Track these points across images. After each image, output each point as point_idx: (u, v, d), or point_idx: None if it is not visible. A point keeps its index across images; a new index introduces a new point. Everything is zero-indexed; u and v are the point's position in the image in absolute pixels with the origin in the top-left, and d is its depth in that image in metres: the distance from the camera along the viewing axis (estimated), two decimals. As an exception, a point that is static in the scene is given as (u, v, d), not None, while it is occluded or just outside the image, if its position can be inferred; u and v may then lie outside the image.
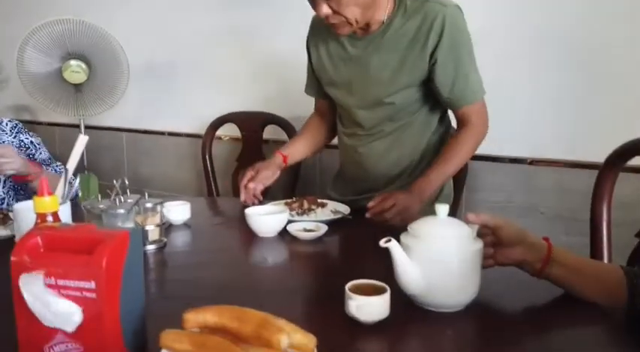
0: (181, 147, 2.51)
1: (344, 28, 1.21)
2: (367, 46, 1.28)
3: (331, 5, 1.15)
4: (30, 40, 2.10)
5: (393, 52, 1.25)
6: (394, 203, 1.16)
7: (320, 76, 1.42)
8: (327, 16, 1.17)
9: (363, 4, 1.17)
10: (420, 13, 1.21)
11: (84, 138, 1.03)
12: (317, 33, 1.39)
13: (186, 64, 2.40)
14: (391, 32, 1.24)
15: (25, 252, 0.63)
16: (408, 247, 0.77)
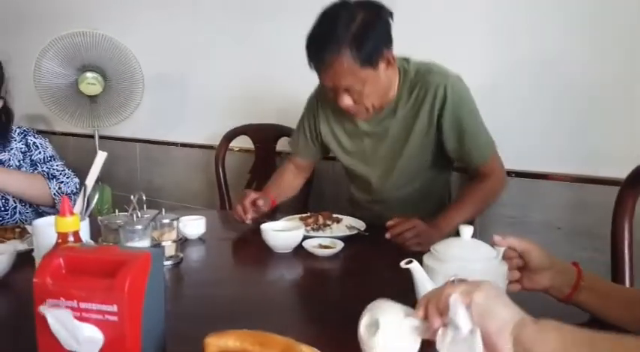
0: (193, 158, 2.52)
1: (362, 114, 1.30)
2: (381, 121, 1.35)
3: (353, 97, 1.23)
4: (47, 52, 2.13)
5: (403, 124, 1.32)
6: (414, 226, 1.15)
7: (328, 143, 1.48)
8: (347, 107, 1.25)
9: (380, 92, 1.26)
10: (424, 84, 1.28)
11: (102, 154, 1.03)
12: (325, 106, 1.45)
13: (200, 75, 2.41)
14: (400, 106, 1.32)
15: (48, 274, 0.63)
16: (431, 269, 0.75)
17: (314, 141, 1.52)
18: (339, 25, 1.15)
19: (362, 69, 1.17)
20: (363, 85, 1.20)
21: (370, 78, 1.20)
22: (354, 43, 1.14)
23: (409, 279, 0.76)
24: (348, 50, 1.14)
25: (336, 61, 1.16)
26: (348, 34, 1.14)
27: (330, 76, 1.20)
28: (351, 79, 1.18)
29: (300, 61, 2.08)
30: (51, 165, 1.52)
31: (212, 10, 2.30)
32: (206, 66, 2.38)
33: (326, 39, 1.16)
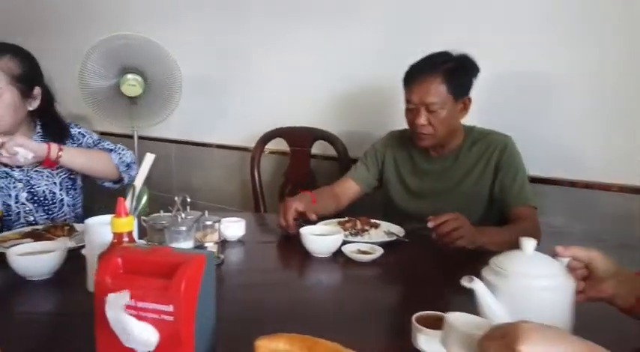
0: (228, 159, 2.55)
1: (427, 141, 1.47)
2: (443, 163, 1.54)
3: (430, 119, 1.43)
4: (91, 55, 2.19)
5: (463, 168, 1.51)
6: (457, 218, 1.18)
7: (387, 179, 1.65)
8: (422, 125, 1.43)
9: (450, 126, 1.46)
10: (485, 141, 1.50)
11: (151, 156, 1.06)
12: (394, 149, 1.65)
13: (237, 78, 2.44)
14: (462, 155, 1.52)
15: (108, 273, 0.65)
16: (494, 286, 0.71)
17: (374, 174, 1.67)
18: (439, 60, 1.44)
19: (446, 94, 1.41)
20: (442, 108, 1.42)
21: (449, 106, 1.43)
22: (448, 72, 1.41)
23: (449, 289, 0.75)
24: (442, 76, 1.41)
25: (429, 79, 1.41)
26: (444, 66, 1.42)
27: (419, 91, 1.42)
28: (436, 98, 1.41)
29: (338, 64, 2.11)
30: (103, 145, 1.58)
31: (251, 15, 2.33)
32: (243, 69, 2.41)
33: (426, 65, 1.45)
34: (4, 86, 1.36)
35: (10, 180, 1.45)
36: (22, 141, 1.30)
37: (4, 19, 3.19)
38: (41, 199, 1.48)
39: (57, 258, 1.01)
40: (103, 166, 1.51)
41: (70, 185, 1.56)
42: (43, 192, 1.49)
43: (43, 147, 1.34)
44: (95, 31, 2.40)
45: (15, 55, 1.40)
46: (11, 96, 1.38)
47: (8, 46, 1.42)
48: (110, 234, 0.90)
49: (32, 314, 0.92)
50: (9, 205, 1.44)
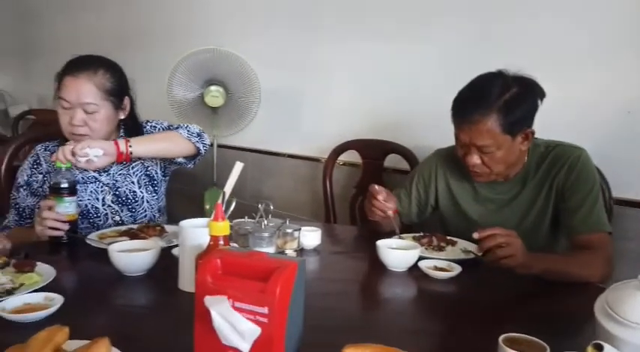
0: (299, 169, 2.62)
1: (483, 178, 1.36)
2: (509, 190, 1.40)
3: (483, 158, 1.30)
4: (179, 67, 2.35)
5: (531, 194, 1.37)
6: (508, 235, 1.09)
7: (443, 205, 1.52)
8: (474, 165, 1.31)
9: (509, 162, 1.31)
10: (554, 157, 1.33)
11: (240, 165, 1.12)
12: (444, 172, 1.51)
13: (313, 91, 2.51)
14: (530, 177, 1.37)
15: (209, 272, 0.69)
16: (616, 338, 0.65)
17: (418, 200, 1.55)
18: (493, 91, 1.25)
19: (502, 134, 1.25)
20: (497, 149, 1.27)
21: (506, 145, 1.27)
22: (503, 109, 1.23)
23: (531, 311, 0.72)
24: (495, 114, 1.23)
25: (482, 120, 1.24)
26: (499, 101, 1.23)
27: (469, 132, 1.27)
28: (489, 140, 1.26)
29: (410, 78, 2.12)
30: (169, 125, 1.60)
31: (329, 28, 2.39)
32: (318, 82, 2.47)
33: (478, 99, 1.26)
34: (99, 102, 1.42)
35: (99, 185, 1.52)
36: (87, 143, 1.30)
37: (100, 32, 3.49)
38: (124, 199, 1.54)
39: (152, 256, 1.09)
40: (175, 143, 1.48)
41: (147, 181, 1.58)
42: (125, 192, 1.54)
43: (110, 142, 1.34)
44: (181, 45, 2.58)
45: (107, 69, 1.46)
46: (105, 111, 1.44)
47: (101, 60, 1.48)
48: (202, 237, 0.97)
49: (128, 306, 1.00)
50: (97, 208, 1.51)
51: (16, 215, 1.51)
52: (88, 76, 1.41)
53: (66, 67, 1.44)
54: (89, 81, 1.41)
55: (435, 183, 1.52)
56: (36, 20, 4.19)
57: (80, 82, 1.40)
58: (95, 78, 1.42)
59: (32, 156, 1.54)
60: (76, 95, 1.39)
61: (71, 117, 1.40)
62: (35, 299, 0.90)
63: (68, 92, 1.40)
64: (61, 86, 1.42)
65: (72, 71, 1.42)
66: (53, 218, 1.25)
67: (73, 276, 1.07)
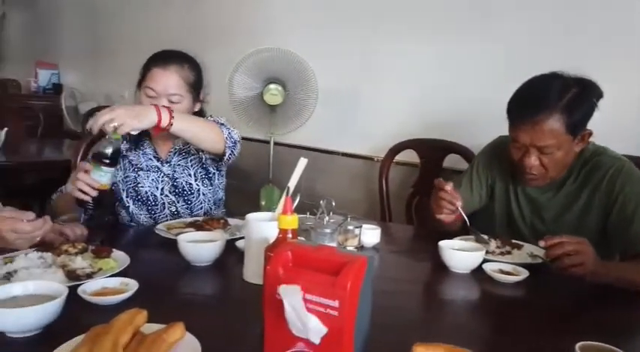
0: (354, 168, 2.62)
1: (537, 181, 1.32)
2: (543, 192, 1.37)
3: (542, 159, 1.26)
4: (241, 66, 2.40)
5: (563, 202, 1.34)
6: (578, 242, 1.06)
7: (497, 202, 1.48)
8: (532, 167, 1.27)
9: (565, 163, 1.29)
10: (596, 164, 1.30)
11: (304, 160, 1.13)
12: (496, 165, 1.49)
13: (368, 90, 2.51)
14: (568, 183, 1.34)
15: (280, 264, 0.71)
16: None
17: (479, 188, 1.53)
18: (555, 91, 1.22)
19: (564, 134, 1.22)
20: (559, 149, 1.24)
21: (566, 145, 1.24)
22: (566, 109, 1.21)
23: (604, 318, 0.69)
24: (559, 114, 1.21)
25: (545, 120, 1.21)
26: (562, 100, 1.21)
27: (530, 133, 1.24)
28: (552, 141, 1.22)
29: (471, 76, 2.06)
30: (216, 119, 1.54)
31: (388, 27, 2.38)
32: (375, 80, 2.47)
33: (539, 98, 1.23)
34: (184, 94, 1.50)
35: (160, 174, 1.56)
36: (136, 125, 1.24)
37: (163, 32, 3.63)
38: (181, 190, 1.56)
39: (218, 248, 1.13)
40: (212, 136, 1.43)
41: (203, 174, 1.60)
42: (182, 183, 1.57)
43: (152, 119, 1.26)
44: (243, 44, 2.64)
45: (191, 64, 1.54)
46: (187, 102, 1.51)
47: (186, 56, 1.56)
48: (268, 230, 0.99)
49: (196, 295, 1.03)
50: (155, 196, 1.56)
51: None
52: (176, 68, 1.48)
53: (154, 59, 1.51)
54: (177, 73, 1.48)
55: (492, 171, 1.50)
56: (104, 21, 4.43)
57: (169, 74, 1.47)
58: (182, 71, 1.49)
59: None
60: (164, 85, 1.46)
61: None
62: (112, 283, 0.95)
63: (156, 82, 1.46)
64: (148, 76, 1.48)
65: (161, 63, 1.48)
66: (85, 181, 1.22)
67: (144, 264, 1.12)
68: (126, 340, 0.67)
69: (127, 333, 0.68)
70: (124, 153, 1.56)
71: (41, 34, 5.38)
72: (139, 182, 1.56)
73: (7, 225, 0.90)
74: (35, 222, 0.92)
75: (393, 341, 0.81)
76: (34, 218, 0.93)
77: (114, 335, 0.65)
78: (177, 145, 1.60)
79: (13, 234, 0.90)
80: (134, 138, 1.57)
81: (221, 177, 1.67)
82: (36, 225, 0.92)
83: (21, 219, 0.92)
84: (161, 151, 1.59)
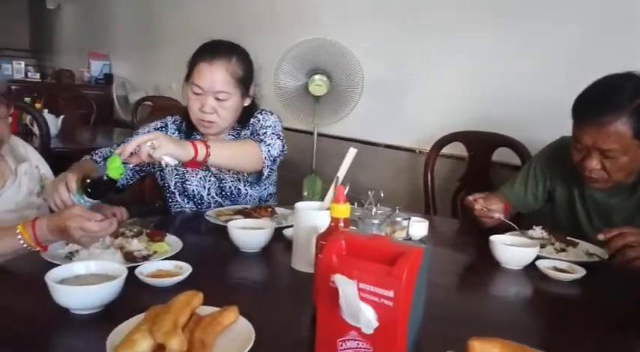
0: (398, 160, 2.59)
1: (599, 184, 1.26)
2: (613, 195, 1.31)
3: (604, 163, 1.20)
4: (287, 56, 2.42)
5: (635, 203, 1.28)
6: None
7: (558, 206, 1.44)
8: (592, 170, 1.21)
9: (631, 169, 1.22)
10: None
11: (353, 151, 1.13)
12: (557, 169, 1.43)
13: (414, 81, 2.47)
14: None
15: (334, 252, 0.71)
16: None
17: (534, 193, 1.49)
18: (626, 92, 1.15)
19: (630, 139, 1.16)
20: (623, 154, 1.18)
21: (632, 151, 1.18)
22: (636, 112, 1.14)
23: None
24: (627, 117, 1.14)
25: (611, 123, 1.15)
26: (633, 103, 1.14)
27: (595, 135, 1.18)
28: (616, 144, 1.17)
29: (523, 67, 1.99)
30: (260, 135, 1.47)
31: (435, 17, 2.33)
32: (421, 72, 2.43)
33: (608, 99, 1.17)
34: (231, 91, 1.41)
35: (208, 173, 1.52)
36: (171, 151, 1.16)
37: (211, 24, 3.69)
38: (228, 194, 1.54)
39: (267, 235, 1.14)
40: (251, 161, 1.39)
41: (253, 180, 1.55)
42: (230, 187, 1.54)
43: (189, 154, 1.20)
44: (289, 34, 2.65)
45: (239, 57, 1.45)
46: (235, 99, 1.44)
47: (235, 48, 1.46)
48: (317, 219, 0.99)
49: (245, 280, 1.05)
50: (202, 195, 1.53)
51: (108, 154, 1.45)
52: (222, 63, 1.40)
53: (201, 53, 1.43)
54: (224, 69, 1.40)
55: (552, 174, 1.45)
56: (154, 13, 4.55)
57: (215, 70, 1.39)
58: (229, 66, 1.41)
59: (161, 121, 1.57)
60: (210, 83, 1.39)
61: (202, 103, 1.41)
62: (166, 266, 0.98)
63: (202, 79, 1.39)
64: (195, 72, 1.42)
65: (207, 58, 1.40)
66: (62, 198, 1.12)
67: (196, 248, 1.15)
68: (184, 320, 0.69)
69: (185, 314, 0.70)
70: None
71: (93, 25, 5.59)
72: (186, 179, 1.54)
73: (76, 222, 0.93)
74: (102, 222, 0.95)
75: (445, 334, 0.80)
76: (101, 219, 0.96)
77: (173, 315, 0.67)
78: None
79: (80, 232, 0.93)
80: (185, 132, 1.54)
81: (271, 173, 1.56)
82: (102, 225, 0.95)
83: (89, 219, 0.94)
84: None
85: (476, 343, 0.64)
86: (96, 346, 0.73)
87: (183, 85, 1.48)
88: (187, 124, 1.52)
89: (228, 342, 0.70)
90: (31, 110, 2.46)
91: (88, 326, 0.79)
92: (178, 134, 1.55)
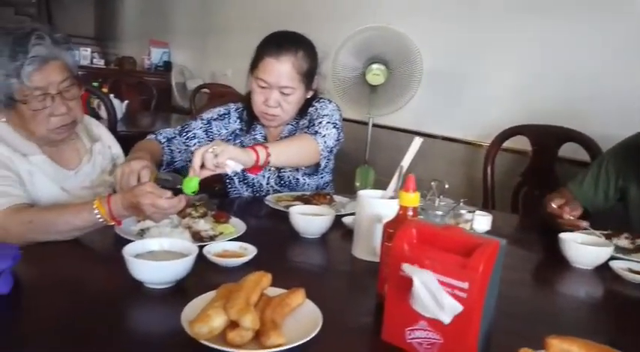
0: (455, 153, 2.52)
1: None
2: None
3: None
4: (346, 44, 2.40)
5: None
6: None
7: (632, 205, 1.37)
8: None
9: None
10: None
11: (419, 140, 1.11)
12: (631, 166, 1.37)
13: (474, 73, 2.39)
14: None
15: (405, 241, 0.70)
16: None
17: (605, 191, 1.43)
18: None
19: None
20: None
21: None
22: None
23: None
24: None
25: None
26: None
27: None
28: None
29: (592, 62, 1.88)
30: (316, 126, 1.44)
31: (491, 9, 2.25)
32: (484, 63, 2.35)
33: None
34: (296, 85, 1.41)
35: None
36: (234, 154, 1.13)
37: (269, 12, 3.72)
38: (286, 183, 1.55)
39: (329, 222, 1.14)
40: (309, 155, 1.39)
41: (311, 171, 1.55)
42: (288, 177, 1.54)
43: (252, 158, 1.19)
44: (348, 22, 2.63)
45: (306, 50, 1.43)
46: (299, 92, 1.43)
47: (301, 40, 1.44)
48: (380, 207, 0.99)
49: (307, 264, 1.06)
50: (261, 184, 1.55)
51: (171, 135, 1.47)
52: (289, 58, 1.39)
53: (267, 46, 1.42)
54: (290, 64, 1.39)
55: (626, 171, 1.38)
56: (213, 1, 4.64)
57: (281, 65, 1.38)
58: (296, 61, 1.40)
59: (225, 107, 1.57)
60: (276, 78, 1.39)
61: (267, 97, 1.41)
62: (232, 247, 1.00)
63: (268, 74, 1.39)
64: (260, 65, 1.40)
65: (274, 52, 1.38)
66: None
67: (257, 231, 1.17)
68: (255, 299, 0.70)
69: (256, 293, 0.71)
70: (236, 132, 1.57)
71: (154, 13, 5.77)
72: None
73: (148, 199, 0.97)
74: (172, 200, 0.98)
75: (515, 330, 0.78)
76: (171, 196, 0.99)
77: (246, 293, 0.68)
78: (283, 133, 1.55)
79: (152, 208, 0.97)
80: (247, 121, 1.56)
81: (328, 162, 1.60)
82: (172, 202, 0.98)
83: (160, 196, 0.98)
84: (271, 137, 1.57)
85: (554, 341, 0.62)
86: (169, 319, 0.76)
87: (248, 76, 1.48)
88: (249, 113, 1.53)
89: (296, 324, 0.71)
90: (100, 94, 2.58)
91: (160, 300, 0.82)
92: (240, 122, 1.57)
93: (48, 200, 1.13)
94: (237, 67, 4.11)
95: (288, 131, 1.57)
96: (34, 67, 1.07)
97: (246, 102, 1.53)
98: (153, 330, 0.75)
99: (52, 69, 1.11)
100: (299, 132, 1.54)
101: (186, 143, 1.49)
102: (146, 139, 1.46)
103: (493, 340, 0.70)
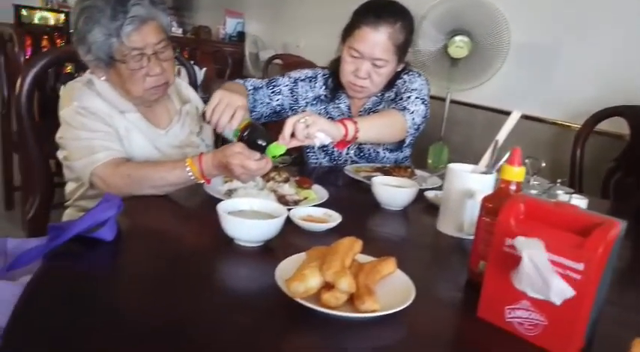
0: (537, 133, 2.37)
1: None
2: None
3: None
4: (428, 15, 2.30)
5: None
6: None
7: None
8: None
9: None
10: None
11: (517, 113, 1.05)
12: None
13: (569, 47, 2.21)
14: None
15: (512, 215, 0.66)
16: None
17: None
18: None
19: None
20: None
21: None
22: None
23: None
24: None
25: None
26: None
27: None
28: None
29: None
30: (404, 101, 1.40)
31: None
32: (578, 37, 2.16)
33: None
34: (390, 58, 1.35)
35: None
36: (325, 127, 1.11)
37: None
38: (366, 155, 1.53)
39: (412, 194, 1.12)
40: (396, 133, 1.36)
41: (394, 147, 1.51)
42: (369, 150, 1.53)
43: (341, 133, 1.17)
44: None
45: (404, 20, 1.37)
46: (391, 65, 1.39)
47: (400, 10, 1.38)
48: (471, 182, 0.94)
49: (391, 235, 1.05)
50: (340, 154, 1.53)
51: (259, 85, 1.47)
52: (387, 29, 1.33)
53: (364, 14, 1.37)
54: (387, 36, 1.34)
55: None
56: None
57: (378, 36, 1.33)
58: (393, 32, 1.34)
59: (313, 71, 1.55)
60: (370, 49, 1.34)
61: (357, 68, 1.38)
62: (316, 212, 1.00)
63: (363, 44, 1.34)
64: (356, 34, 1.36)
65: (371, 22, 1.34)
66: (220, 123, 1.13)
67: (338, 199, 1.16)
68: (349, 263, 0.69)
69: (349, 257, 0.70)
70: (321, 98, 1.55)
71: (230, -17, 5.84)
72: None
73: (237, 159, 0.98)
74: (260, 161, 0.99)
75: (623, 320, 0.72)
76: (259, 158, 1.00)
77: (341, 256, 0.68)
78: (367, 105, 1.52)
79: (240, 169, 0.99)
80: (332, 88, 1.53)
81: (413, 138, 1.51)
82: (260, 164, 0.99)
83: (249, 157, 0.99)
84: (354, 107, 1.54)
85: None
86: (260, 276, 0.77)
87: (339, 45, 1.44)
88: (334, 81, 1.51)
89: (389, 292, 0.70)
90: (183, 60, 2.65)
91: (250, 258, 0.84)
92: (325, 89, 1.55)
93: (141, 156, 1.18)
94: (310, 39, 4.11)
95: (372, 103, 1.53)
96: (133, 27, 1.10)
97: (333, 69, 1.50)
98: (246, 285, 0.77)
99: (150, 29, 1.13)
100: (384, 104, 1.50)
101: (270, 96, 1.50)
102: (234, 81, 1.46)
103: (599, 327, 0.66)
